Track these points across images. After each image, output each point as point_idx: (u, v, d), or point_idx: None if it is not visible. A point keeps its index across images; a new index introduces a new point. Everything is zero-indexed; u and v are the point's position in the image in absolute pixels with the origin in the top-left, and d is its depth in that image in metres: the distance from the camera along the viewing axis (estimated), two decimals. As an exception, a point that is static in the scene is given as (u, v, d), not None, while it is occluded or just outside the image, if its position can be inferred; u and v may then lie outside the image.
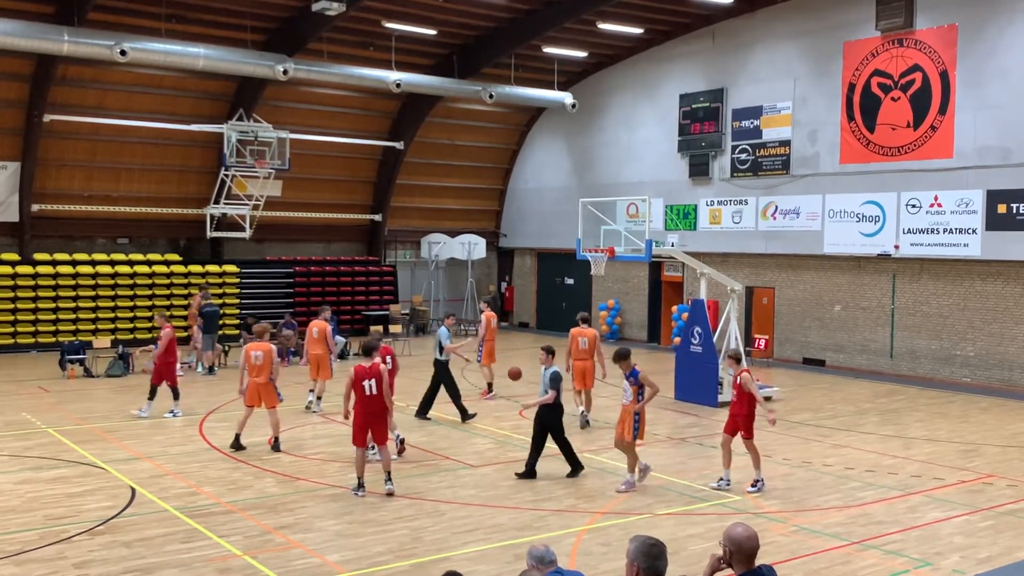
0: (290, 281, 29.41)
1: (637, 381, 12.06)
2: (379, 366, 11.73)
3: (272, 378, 14.20)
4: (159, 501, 11.31)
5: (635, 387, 12.08)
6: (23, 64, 23.96)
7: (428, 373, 17.41)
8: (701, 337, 18.48)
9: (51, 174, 26.13)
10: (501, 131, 33.41)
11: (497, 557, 9.48)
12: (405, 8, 24.50)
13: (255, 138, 26.04)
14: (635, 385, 12.08)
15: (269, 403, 14.17)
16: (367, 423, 11.69)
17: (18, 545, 9.61)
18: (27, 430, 15.34)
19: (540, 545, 5.46)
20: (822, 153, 24.34)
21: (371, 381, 11.60)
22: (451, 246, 32.19)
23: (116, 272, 26.34)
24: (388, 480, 11.76)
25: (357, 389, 11.66)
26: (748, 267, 26.30)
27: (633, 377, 12.09)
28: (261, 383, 14.14)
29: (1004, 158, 20.75)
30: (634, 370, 12.14)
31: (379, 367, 11.71)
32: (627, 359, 12.30)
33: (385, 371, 11.76)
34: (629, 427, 12.01)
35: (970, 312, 21.63)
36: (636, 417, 12.02)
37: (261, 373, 14.13)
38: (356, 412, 11.74)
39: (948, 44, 21.57)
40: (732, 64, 26.47)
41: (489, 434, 15.57)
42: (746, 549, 4.91)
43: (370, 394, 11.61)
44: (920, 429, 16.60)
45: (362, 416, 11.67)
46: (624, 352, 12.39)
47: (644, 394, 12.10)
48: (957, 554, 9.79)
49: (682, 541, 9.96)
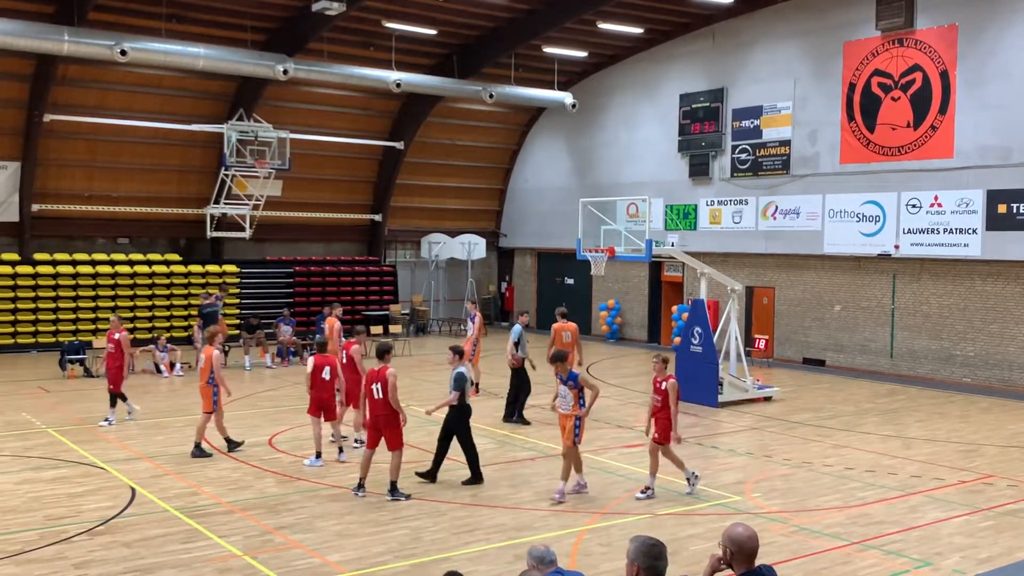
0: (290, 281, 29.42)
1: (576, 385, 11.56)
2: (388, 370, 11.75)
3: (211, 382, 13.73)
4: (159, 501, 11.32)
5: (575, 391, 11.57)
6: (23, 64, 23.96)
7: (429, 373, 17.39)
8: (701, 337, 18.48)
9: (51, 174, 26.13)
10: (501, 131, 33.41)
11: (497, 557, 9.48)
12: (405, 8, 24.49)
13: (255, 138, 26.04)
14: (575, 389, 11.57)
15: (202, 406, 13.95)
16: (376, 425, 11.73)
17: (18, 545, 9.61)
18: (27, 430, 15.34)
19: (540, 545, 5.47)
20: (822, 153, 24.34)
21: (378, 384, 11.64)
22: (451, 246, 32.19)
23: (116, 272, 26.34)
24: (392, 491, 11.50)
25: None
26: (748, 267, 26.30)
27: (572, 381, 11.59)
28: (200, 386, 13.95)
29: (1004, 158, 20.74)
30: (572, 373, 11.69)
31: (388, 371, 11.73)
32: (564, 361, 11.78)
33: (392, 376, 11.62)
34: (570, 431, 11.52)
35: (970, 312, 21.63)
36: (577, 422, 11.51)
37: (202, 376, 13.90)
38: (369, 415, 11.87)
39: (948, 44, 21.56)
40: (732, 64, 26.47)
41: (489, 434, 15.56)
42: (747, 549, 4.91)
43: (377, 398, 11.65)
44: (920, 429, 16.60)
45: (371, 419, 11.79)
46: (561, 354, 11.90)
47: (585, 398, 11.60)
48: (957, 554, 9.79)
49: (682, 541, 9.96)
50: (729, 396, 18.51)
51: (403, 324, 30.15)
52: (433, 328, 32.45)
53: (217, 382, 13.80)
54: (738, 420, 17.20)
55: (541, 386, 20.33)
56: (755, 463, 13.82)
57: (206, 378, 13.80)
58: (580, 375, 11.74)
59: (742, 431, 16.31)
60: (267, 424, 16.04)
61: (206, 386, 13.82)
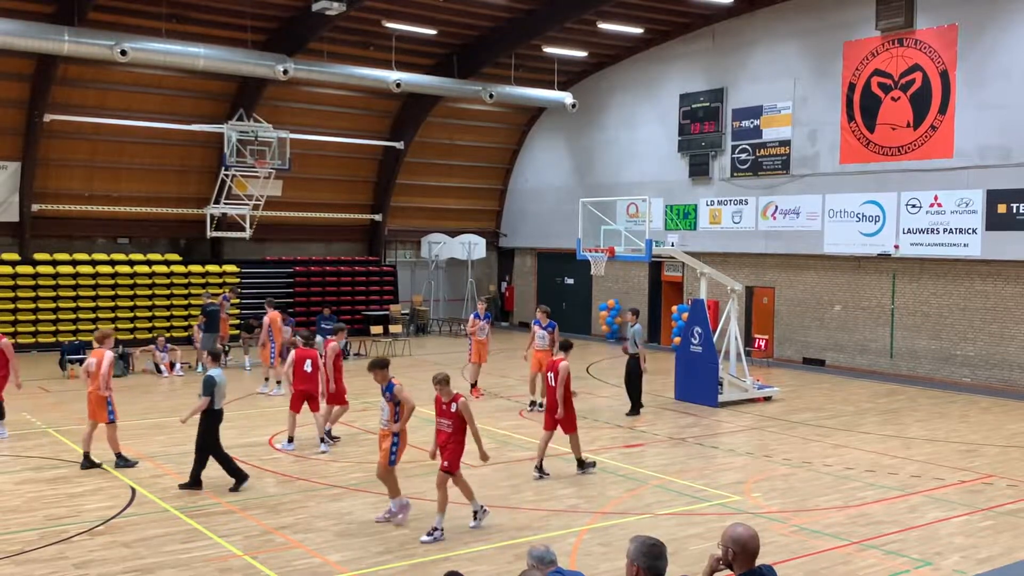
0: (290, 281, 29.42)
1: (393, 397, 10.37)
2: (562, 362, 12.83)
3: (104, 390, 12.73)
4: (159, 501, 11.32)
5: (391, 403, 10.37)
6: (23, 64, 23.95)
7: (429, 373, 17.36)
8: (701, 337, 18.48)
9: (51, 174, 26.13)
10: (501, 131, 33.41)
11: (497, 557, 9.48)
12: (405, 8, 24.49)
13: (255, 138, 26.03)
14: (391, 402, 10.37)
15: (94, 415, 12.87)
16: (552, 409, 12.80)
17: (19, 545, 9.62)
18: (27, 430, 15.34)
19: (540, 545, 5.47)
20: (822, 153, 24.34)
21: (553, 373, 12.80)
22: (451, 246, 32.20)
23: (116, 272, 26.34)
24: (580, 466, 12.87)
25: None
26: (748, 267, 26.30)
27: (389, 392, 10.40)
28: (90, 391, 12.85)
29: (1004, 158, 20.74)
30: (390, 383, 10.44)
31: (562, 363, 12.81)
32: (383, 369, 10.49)
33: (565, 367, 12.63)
34: (386, 451, 10.37)
35: (970, 312, 21.63)
36: (395, 439, 10.37)
37: (93, 382, 12.78)
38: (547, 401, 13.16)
39: (948, 44, 21.56)
40: (732, 64, 26.47)
41: (489, 434, 15.56)
42: (750, 549, 4.92)
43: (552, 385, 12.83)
44: (920, 429, 16.60)
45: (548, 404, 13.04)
46: (380, 361, 10.60)
47: (400, 413, 10.40)
48: (957, 554, 9.79)
49: (682, 541, 9.97)
50: (729, 396, 18.51)
51: (403, 324, 30.15)
52: (433, 328, 32.45)
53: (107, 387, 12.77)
54: (738, 420, 17.20)
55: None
56: (755, 463, 13.82)
57: (97, 385, 12.68)
58: (397, 387, 10.43)
59: (742, 431, 16.31)
60: (267, 424, 16.05)
61: (96, 394, 12.72)
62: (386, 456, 10.37)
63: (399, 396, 10.37)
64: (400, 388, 10.43)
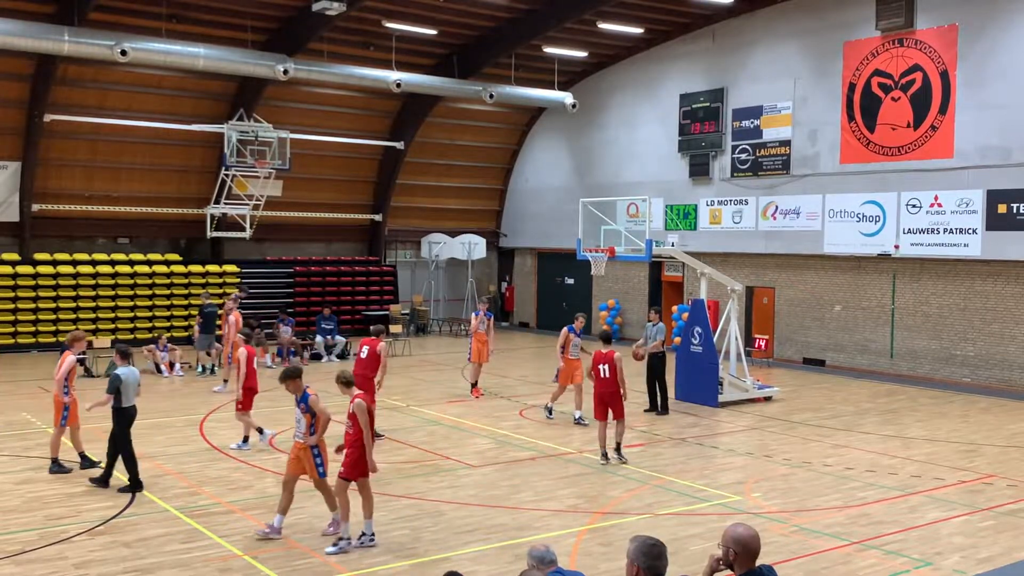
0: (290, 281, 29.42)
1: (309, 408, 9.95)
2: (615, 354, 13.42)
3: (60, 394, 12.39)
4: (159, 501, 11.32)
5: (307, 415, 9.97)
6: (23, 64, 23.95)
7: (429, 373, 17.39)
8: (701, 337, 18.48)
9: (52, 174, 26.13)
10: (501, 131, 33.41)
11: (497, 557, 9.48)
12: (405, 8, 24.49)
13: (255, 138, 26.03)
14: (307, 413, 9.96)
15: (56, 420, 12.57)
16: (603, 401, 13.56)
17: (18, 545, 9.62)
18: (27, 430, 15.34)
19: (540, 545, 5.47)
20: (822, 153, 24.34)
21: (605, 366, 13.41)
22: (451, 246, 32.20)
23: (116, 272, 26.33)
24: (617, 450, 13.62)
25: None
26: (748, 267, 26.30)
27: (304, 403, 9.99)
28: (54, 394, 12.57)
29: (1004, 158, 20.74)
30: (305, 394, 10.02)
31: (615, 354, 13.40)
32: (295, 379, 10.13)
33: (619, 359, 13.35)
34: (311, 465, 9.99)
35: (970, 312, 21.63)
36: (316, 451, 10.01)
37: (58, 385, 12.45)
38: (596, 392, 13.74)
39: (948, 44, 21.56)
40: (732, 64, 26.47)
41: (489, 434, 15.57)
42: (752, 549, 4.93)
43: (604, 377, 13.47)
44: (920, 429, 16.60)
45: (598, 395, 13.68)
46: (293, 371, 10.24)
47: (316, 425, 9.95)
48: (957, 554, 9.79)
49: (682, 541, 9.96)
50: (729, 396, 18.51)
51: (403, 324, 30.15)
52: (433, 328, 32.45)
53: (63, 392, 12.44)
54: (738, 420, 17.20)
55: (538, 386, 20.34)
56: (755, 463, 13.82)
57: (59, 388, 12.39)
58: (312, 397, 9.98)
59: (742, 431, 16.31)
60: (267, 424, 16.02)
61: (57, 397, 12.47)
62: (314, 472, 10.01)
63: (315, 407, 9.92)
64: (316, 399, 9.99)
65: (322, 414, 9.92)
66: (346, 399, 10.02)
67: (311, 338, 25.18)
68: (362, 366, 14.79)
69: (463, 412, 17.47)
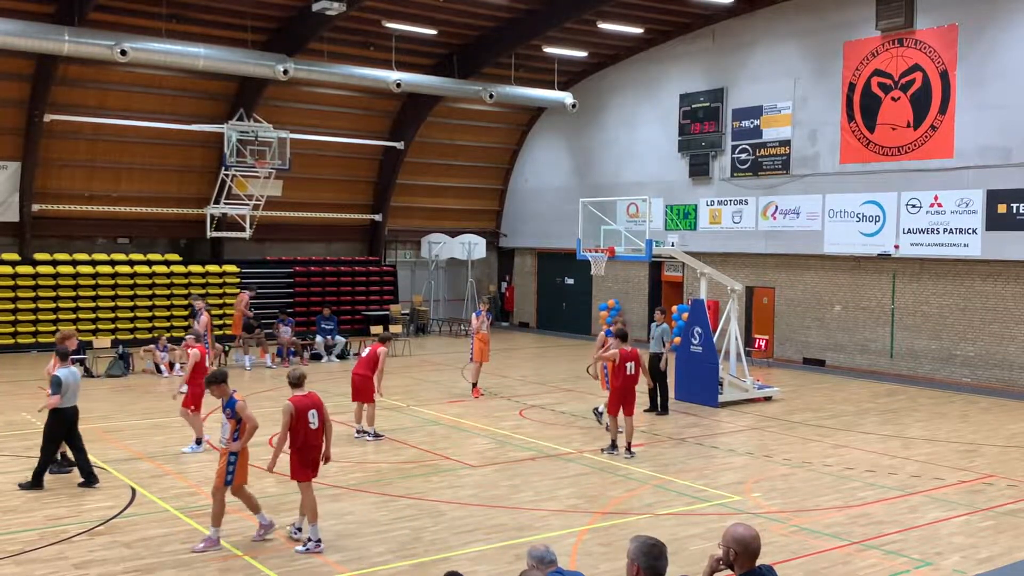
0: (290, 281, 29.42)
1: (235, 414, 9.79)
2: (638, 351, 14.03)
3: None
4: (159, 501, 11.32)
5: (232, 421, 9.78)
6: (23, 64, 23.95)
7: (429, 373, 17.39)
8: (701, 337, 18.49)
9: (52, 174, 26.12)
10: (501, 131, 33.41)
11: (497, 557, 9.48)
12: (405, 8, 24.49)
13: (255, 138, 26.02)
14: (232, 419, 9.78)
15: None
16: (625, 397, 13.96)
17: (18, 545, 9.62)
18: (27, 430, 15.33)
19: (540, 545, 5.47)
20: (822, 153, 24.34)
21: (632, 363, 13.87)
22: (451, 246, 32.20)
23: (116, 272, 26.32)
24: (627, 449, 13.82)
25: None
26: (748, 267, 26.30)
27: (230, 408, 9.84)
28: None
29: (1004, 158, 20.74)
30: (232, 399, 9.88)
31: (639, 352, 13.99)
32: (220, 384, 10.03)
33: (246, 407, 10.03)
34: (222, 470, 9.74)
35: (970, 312, 21.63)
36: (232, 458, 9.74)
37: None
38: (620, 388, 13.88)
39: (948, 44, 21.56)
40: (732, 64, 26.47)
41: (489, 434, 15.57)
42: (752, 549, 4.93)
43: (630, 374, 13.82)
44: (920, 429, 16.60)
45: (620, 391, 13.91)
46: (218, 375, 10.15)
47: (241, 431, 9.77)
48: (957, 554, 9.79)
49: (682, 541, 9.96)
50: (729, 396, 18.51)
51: (403, 324, 30.15)
52: (433, 328, 32.46)
53: None
54: (738, 420, 17.20)
55: (539, 386, 20.35)
56: (755, 463, 13.82)
57: None
58: (239, 403, 9.84)
59: (742, 431, 16.31)
60: (267, 424, 15.99)
61: None
62: (222, 478, 9.69)
63: (241, 413, 9.74)
64: (243, 405, 9.82)
65: (248, 420, 9.74)
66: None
67: (311, 338, 25.17)
68: (362, 366, 15.04)
69: (463, 412, 17.47)
